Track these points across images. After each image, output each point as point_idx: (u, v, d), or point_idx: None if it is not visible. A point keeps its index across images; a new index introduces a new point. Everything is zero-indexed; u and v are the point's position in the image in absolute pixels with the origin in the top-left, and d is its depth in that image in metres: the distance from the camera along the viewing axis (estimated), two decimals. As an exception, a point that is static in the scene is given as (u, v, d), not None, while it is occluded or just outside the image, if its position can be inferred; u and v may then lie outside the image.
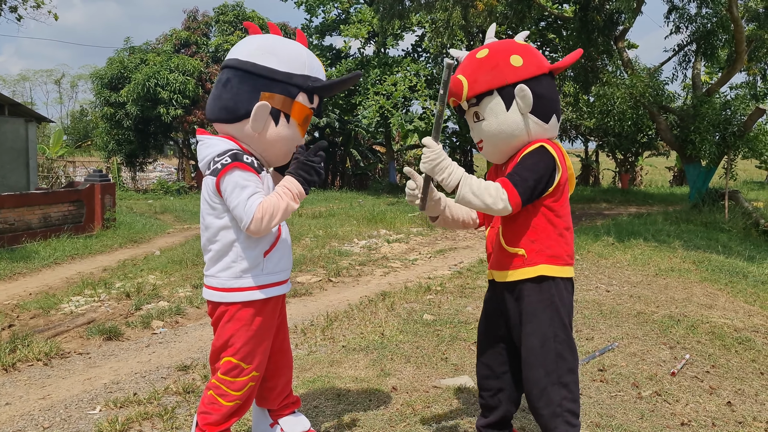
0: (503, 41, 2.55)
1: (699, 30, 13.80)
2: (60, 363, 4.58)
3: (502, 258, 2.52)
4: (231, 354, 2.46)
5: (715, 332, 4.92)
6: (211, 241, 2.46)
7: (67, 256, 9.33)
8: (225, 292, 2.44)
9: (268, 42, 2.47)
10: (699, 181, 13.63)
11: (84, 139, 39.28)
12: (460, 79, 2.46)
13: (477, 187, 2.32)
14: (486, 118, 2.46)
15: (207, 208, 2.44)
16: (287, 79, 2.40)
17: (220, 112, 2.44)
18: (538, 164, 2.37)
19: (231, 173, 2.31)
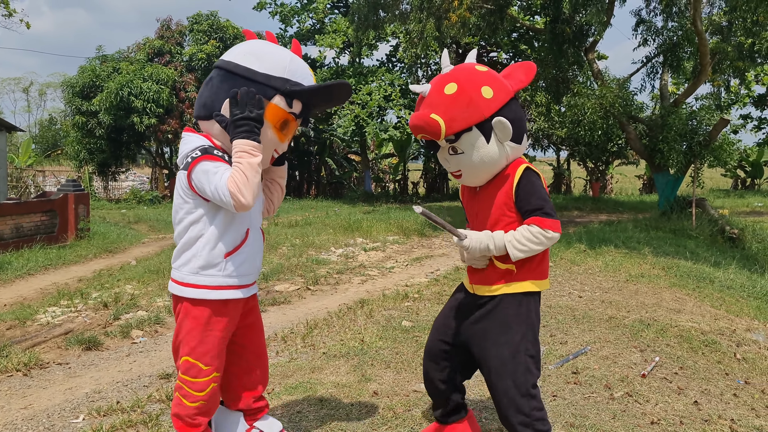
0: (465, 69, 2.54)
1: (665, 42, 14.20)
2: (40, 373, 4.58)
3: (489, 273, 2.58)
4: (187, 353, 2.48)
5: (683, 335, 5.09)
6: (180, 235, 2.50)
7: (40, 266, 9.23)
8: (182, 286, 2.48)
9: (255, 45, 2.53)
10: (667, 189, 13.98)
11: (53, 148, 38.73)
12: (436, 120, 2.43)
13: (520, 242, 2.44)
14: (465, 152, 2.50)
15: (180, 202, 2.48)
16: (265, 81, 2.43)
17: (199, 109, 2.51)
18: (541, 187, 2.53)
19: (200, 164, 2.36)
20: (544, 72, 14.14)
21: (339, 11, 24.21)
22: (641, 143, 13.90)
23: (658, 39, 14.31)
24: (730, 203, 20.77)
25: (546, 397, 3.65)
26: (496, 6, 14.03)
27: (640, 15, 14.71)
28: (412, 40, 13.29)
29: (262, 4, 24.13)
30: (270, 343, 4.96)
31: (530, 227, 2.45)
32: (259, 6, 24.19)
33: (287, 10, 23.77)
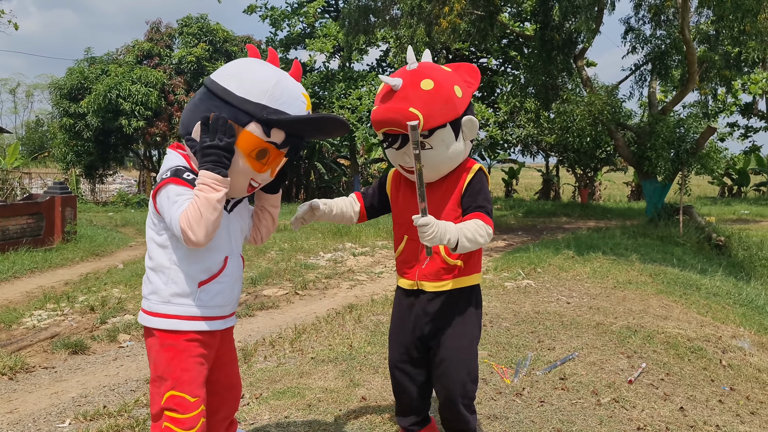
0: (436, 68, 2.58)
1: (654, 51, 14.33)
2: (25, 377, 4.54)
3: (437, 269, 2.65)
4: (171, 387, 2.25)
5: (670, 342, 5.13)
6: (149, 257, 2.32)
7: (26, 269, 9.16)
8: (151, 316, 2.28)
9: (242, 65, 2.33)
10: (655, 196, 14.09)
11: (40, 150, 38.43)
12: (415, 113, 2.43)
13: (471, 233, 2.46)
14: (435, 148, 2.52)
15: (150, 222, 2.32)
16: (239, 104, 2.22)
17: (181, 127, 2.36)
18: (488, 190, 2.65)
19: (164, 188, 2.20)
20: (534, 78, 14.23)
21: (329, 16, 24.24)
22: (629, 150, 14.02)
23: (647, 47, 14.44)
24: (717, 211, 20.95)
25: (533, 402, 3.66)
26: (486, 12, 14.10)
27: (629, 23, 14.84)
28: (403, 46, 13.33)
29: (253, 7, 24.10)
30: (258, 348, 4.95)
31: (477, 221, 2.51)
32: (249, 9, 24.15)
33: (277, 14, 23.74)
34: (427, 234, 2.37)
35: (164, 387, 2.26)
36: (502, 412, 3.51)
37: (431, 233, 2.37)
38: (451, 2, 11.68)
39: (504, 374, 4.19)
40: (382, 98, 2.53)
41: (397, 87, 2.47)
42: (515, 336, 5.16)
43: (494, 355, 4.63)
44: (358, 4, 14.66)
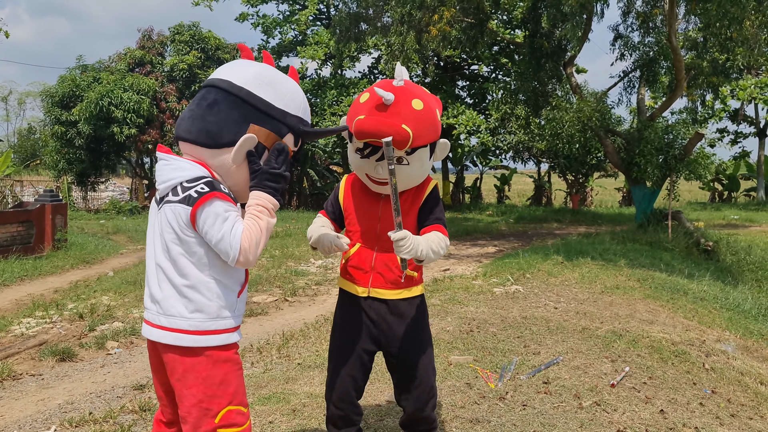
0: (420, 88, 2.67)
1: (642, 57, 14.46)
2: (12, 384, 4.55)
3: (394, 279, 2.71)
4: (228, 402, 2.16)
5: (654, 346, 5.18)
6: (180, 275, 2.15)
7: (16, 277, 9.15)
8: (205, 335, 2.14)
9: (268, 73, 2.26)
10: (644, 202, 14.20)
11: (32, 157, 38.31)
12: (407, 131, 2.49)
13: (435, 245, 2.57)
14: (411, 164, 2.59)
15: (173, 237, 2.13)
16: (281, 117, 2.22)
17: (199, 134, 2.17)
18: (442, 204, 2.79)
19: (210, 204, 2.08)
20: (524, 85, 14.33)
21: (321, 23, 24.36)
22: (619, 156, 14.12)
23: (635, 54, 14.57)
24: (706, 216, 21.09)
25: (516, 406, 3.70)
26: (476, 20, 14.22)
27: (618, 30, 14.97)
28: (393, 53, 13.43)
29: (244, 15, 24.21)
30: (245, 354, 4.98)
31: (438, 234, 2.63)
32: (241, 17, 24.26)
33: (269, 22, 23.87)
34: (405, 248, 2.44)
35: (218, 405, 2.15)
36: (485, 416, 3.55)
37: (408, 247, 2.44)
38: (441, 10, 11.78)
39: (488, 379, 4.23)
40: (373, 109, 2.55)
41: (389, 102, 2.51)
42: (501, 341, 5.20)
43: (480, 360, 4.67)
44: (349, 12, 14.75)
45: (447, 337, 5.27)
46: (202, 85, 2.32)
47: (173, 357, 2.15)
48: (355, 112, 2.60)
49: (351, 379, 2.80)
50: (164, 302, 2.16)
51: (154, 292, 2.19)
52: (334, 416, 2.86)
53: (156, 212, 2.22)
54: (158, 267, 2.18)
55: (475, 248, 13.09)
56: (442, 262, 11.04)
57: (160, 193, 2.19)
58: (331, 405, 2.84)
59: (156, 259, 2.19)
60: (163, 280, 2.17)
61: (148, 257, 2.24)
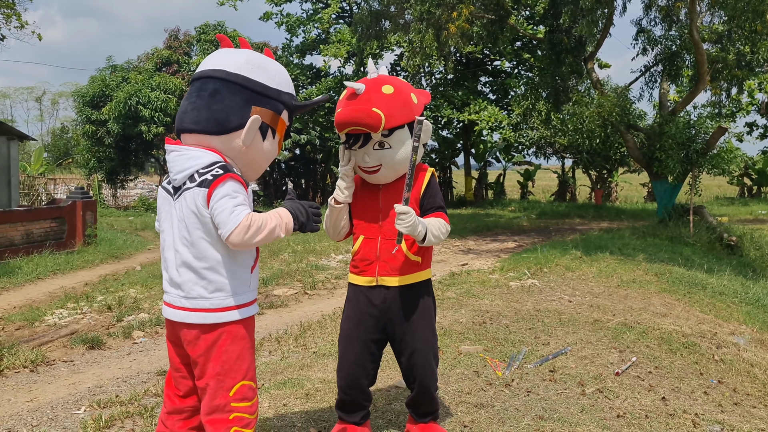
0: (393, 77, 2.86)
1: (664, 51, 14.37)
2: (45, 370, 4.83)
3: (400, 265, 2.86)
4: (242, 377, 2.35)
5: (664, 338, 5.26)
6: (198, 258, 2.29)
7: (49, 271, 9.51)
8: (221, 312, 2.30)
9: (257, 57, 2.47)
10: (666, 197, 14.12)
11: (65, 156, 39.25)
12: (378, 113, 2.66)
13: (436, 230, 2.77)
14: (393, 147, 2.76)
15: (195, 221, 2.28)
16: (276, 96, 2.44)
17: (207, 123, 2.32)
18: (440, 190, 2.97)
19: (224, 184, 2.24)
20: (544, 81, 14.35)
21: (344, 21, 24.55)
22: (640, 151, 14.07)
23: (657, 48, 14.48)
24: (733, 211, 20.84)
25: (520, 392, 3.84)
26: (497, 16, 14.27)
27: (641, 24, 14.90)
28: (414, 50, 13.55)
29: (269, 14, 24.51)
30: (264, 343, 5.19)
31: (439, 220, 2.82)
32: (265, 16, 24.56)
33: (293, 21, 24.12)
34: (405, 222, 2.63)
35: (233, 379, 2.32)
36: (489, 401, 3.69)
37: (409, 222, 2.63)
38: (460, 7, 11.87)
39: (497, 367, 4.37)
40: (346, 101, 2.75)
41: (360, 91, 2.70)
42: (513, 332, 5.32)
43: (490, 350, 4.80)
44: (370, 9, 14.89)
45: (459, 328, 5.41)
46: (194, 77, 2.47)
47: (196, 334, 2.32)
48: (337, 109, 2.80)
49: (360, 368, 2.94)
50: (185, 285, 2.32)
51: (174, 276, 2.35)
52: (343, 402, 3.03)
53: (171, 202, 2.38)
54: (177, 252, 2.33)
55: (495, 243, 13.18)
56: (460, 256, 11.17)
57: (177, 182, 2.33)
58: (341, 391, 3.00)
59: (174, 246, 2.34)
60: (182, 265, 2.32)
61: (166, 245, 2.41)
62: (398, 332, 2.91)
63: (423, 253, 2.90)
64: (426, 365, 2.93)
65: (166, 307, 2.41)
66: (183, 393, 2.52)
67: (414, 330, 2.90)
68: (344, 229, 2.99)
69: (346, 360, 2.97)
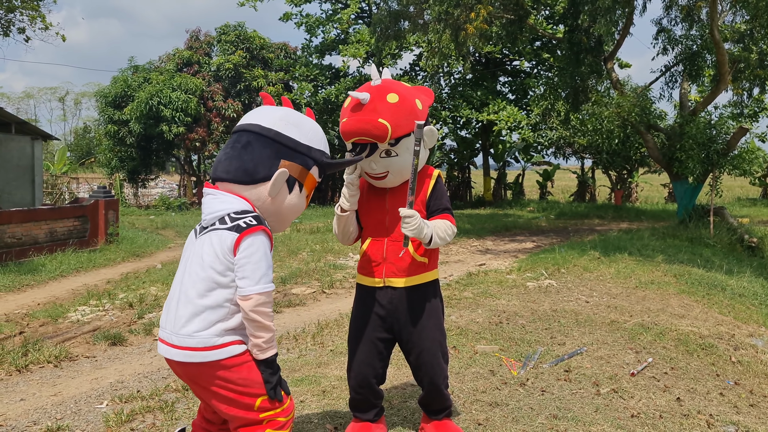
0: (398, 83, 2.86)
1: (685, 51, 14.25)
2: (69, 365, 4.95)
3: (407, 266, 2.89)
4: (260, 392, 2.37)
5: (681, 339, 5.25)
6: (200, 296, 2.32)
7: (72, 269, 9.69)
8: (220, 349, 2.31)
9: (292, 114, 2.57)
10: (686, 197, 14.00)
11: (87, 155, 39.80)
12: (384, 124, 2.68)
13: (442, 232, 2.80)
14: (400, 155, 2.79)
15: (212, 260, 2.31)
16: (307, 152, 2.52)
17: (237, 172, 2.43)
18: (447, 193, 2.99)
19: (257, 235, 2.32)
20: (564, 81, 14.29)
21: (363, 21, 24.63)
22: (659, 152, 13.96)
23: (678, 48, 14.35)
24: (755, 212, 20.58)
25: (535, 391, 3.87)
26: (516, 16, 14.24)
27: (661, 24, 14.78)
28: (433, 50, 13.58)
29: (288, 15, 24.68)
30: (282, 341, 5.26)
31: (445, 222, 2.84)
32: (284, 17, 24.74)
33: (312, 21, 24.27)
34: (410, 225, 2.67)
35: (251, 398, 2.35)
36: (504, 400, 3.72)
37: (414, 225, 2.68)
38: (478, 8, 11.87)
39: (512, 367, 4.40)
40: (351, 111, 2.76)
41: (365, 101, 2.73)
42: (529, 332, 5.34)
43: (506, 350, 4.83)
44: (389, 10, 14.94)
45: (476, 327, 5.44)
46: (233, 131, 2.60)
47: (193, 370, 2.34)
48: (341, 118, 2.83)
49: (369, 367, 2.98)
50: (178, 321, 2.33)
51: (171, 313, 2.37)
52: (355, 400, 3.09)
53: (193, 242, 2.44)
54: (183, 293, 2.35)
55: (513, 244, 13.16)
56: (478, 256, 11.18)
57: (206, 223, 2.41)
58: (353, 390, 3.06)
59: (183, 285, 2.37)
60: (185, 303, 2.33)
61: (175, 284, 2.45)
62: (405, 332, 2.95)
63: (429, 254, 2.94)
64: (434, 364, 2.96)
65: (160, 344, 2.42)
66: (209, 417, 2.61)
67: (422, 330, 2.94)
68: (353, 234, 3.03)
69: (355, 360, 3.02)
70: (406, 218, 2.68)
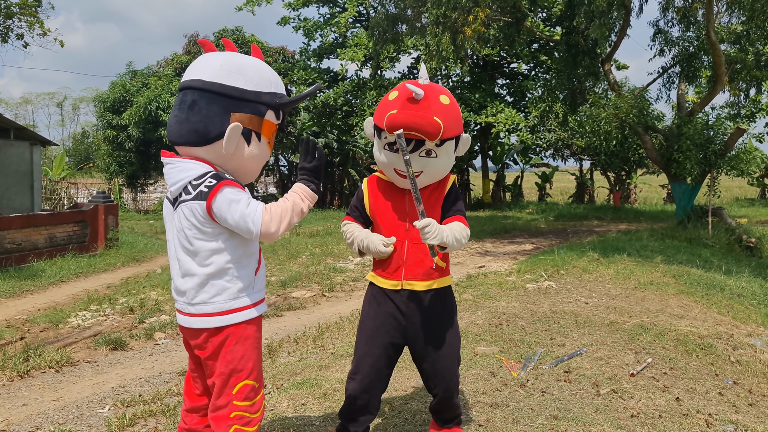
0: (444, 89, 2.85)
1: (681, 53, 14.30)
2: (70, 370, 4.96)
3: (426, 270, 2.84)
4: (246, 376, 2.40)
5: (680, 339, 5.27)
6: (201, 265, 2.36)
7: (72, 274, 9.70)
8: (223, 315, 2.36)
9: (233, 61, 2.42)
10: (684, 198, 14.04)
11: (86, 160, 39.82)
12: (439, 123, 2.64)
13: (459, 234, 2.73)
14: (439, 157, 2.76)
15: (195, 233, 2.34)
16: (256, 98, 2.39)
17: (189, 135, 2.36)
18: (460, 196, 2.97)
19: (221, 192, 2.27)
20: (561, 83, 14.33)
21: (361, 25, 24.68)
22: (658, 153, 14.00)
23: (675, 49, 14.41)
24: (753, 212, 20.62)
25: (535, 392, 3.89)
26: (513, 18, 14.29)
27: (658, 25, 14.83)
28: (431, 54, 13.62)
29: (286, 19, 24.72)
30: (282, 344, 5.28)
31: (460, 224, 2.80)
32: (282, 21, 24.77)
33: (310, 25, 24.30)
34: (431, 234, 2.59)
35: (237, 378, 2.38)
36: (504, 401, 3.74)
37: (434, 233, 2.59)
38: (476, 11, 11.91)
39: (512, 368, 4.42)
40: (404, 104, 2.68)
41: (420, 96, 2.66)
42: (529, 334, 5.36)
43: (506, 351, 4.85)
44: (387, 13, 14.99)
45: (476, 329, 5.46)
46: (179, 88, 2.49)
47: (204, 338, 2.39)
48: (385, 108, 2.74)
49: (376, 372, 2.87)
50: (189, 293, 2.38)
51: (179, 284, 2.43)
52: (350, 407, 2.91)
53: (172, 212, 2.45)
54: (179, 261, 2.41)
55: (512, 246, 13.19)
56: (477, 259, 11.20)
57: (173, 194, 2.40)
58: (352, 396, 2.89)
59: (177, 255, 2.42)
60: (185, 273, 2.39)
61: (170, 255, 2.49)
62: (421, 337, 2.88)
63: (445, 258, 2.90)
64: (451, 371, 2.92)
65: (177, 314, 2.50)
66: (200, 392, 2.61)
67: (439, 335, 2.89)
68: None
69: (363, 363, 2.89)
70: (424, 228, 2.59)
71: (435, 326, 2.88)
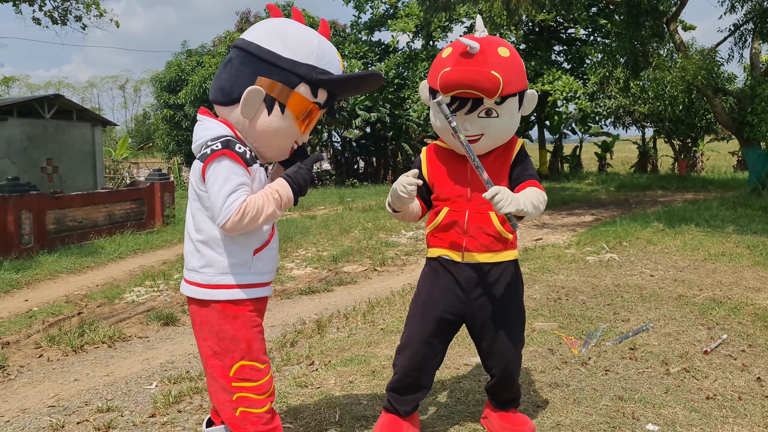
0: (505, 41, 2.54)
1: (755, 8, 13.33)
2: (122, 345, 4.97)
3: (490, 242, 2.57)
4: (241, 357, 2.25)
5: (758, 314, 4.88)
6: (196, 230, 2.26)
7: (130, 251, 9.87)
8: (209, 288, 2.23)
9: (279, 25, 2.28)
10: (758, 164, 13.21)
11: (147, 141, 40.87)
12: (497, 77, 2.36)
13: (536, 201, 2.41)
14: (501, 116, 2.47)
15: (193, 194, 2.25)
16: (289, 67, 2.20)
17: (216, 93, 2.26)
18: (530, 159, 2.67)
19: (219, 161, 2.12)
20: (622, 46, 13.61)
21: (412, -5, 24.20)
22: (729, 116, 13.18)
23: (748, 4, 13.43)
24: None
25: (598, 371, 3.62)
26: (570, -20, 13.63)
27: (728, -20, 13.88)
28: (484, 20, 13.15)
29: (337, -8, 24.44)
30: (332, 320, 5.16)
31: (535, 189, 2.48)
32: (333, -6, 24.52)
33: (361, -3, 23.98)
34: (504, 202, 2.29)
35: (231, 359, 2.24)
36: (564, 380, 3.50)
37: (507, 200, 2.29)
38: (530, -28, 11.39)
39: (572, 345, 4.15)
40: (457, 60, 2.42)
41: (475, 50, 2.38)
42: (590, 309, 5.07)
43: (565, 327, 4.58)
44: (438, -19, 14.53)
45: (533, 304, 5.20)
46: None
47: (193, 308, 2.31)
48: (438, 67, 2.48)
49: (429, 347, 2.67)
50: (186, 256, 2.32)
51: (184, 246, 2.36)
52: (399, 383, 2.72)
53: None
54: (186, 229, 2.33)
55: (571, 217, 12.73)
56: (534, 231, 10.84)
57: (194, 151, 2.28)
58: (401, 371, 2.70)
59: (186, 222, 2.35)
60: (186, 236, 2.32)
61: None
62: (482, 314, 2.62)
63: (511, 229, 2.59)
64: (512, 350, 2.68)
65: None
66: None
67: (501, 312, 2.63)
68: (416, 213, 2.72)
69: (416, 338, 2.67)
70: (495, 197, 2.28)
71: (497, 302, 2.62)
